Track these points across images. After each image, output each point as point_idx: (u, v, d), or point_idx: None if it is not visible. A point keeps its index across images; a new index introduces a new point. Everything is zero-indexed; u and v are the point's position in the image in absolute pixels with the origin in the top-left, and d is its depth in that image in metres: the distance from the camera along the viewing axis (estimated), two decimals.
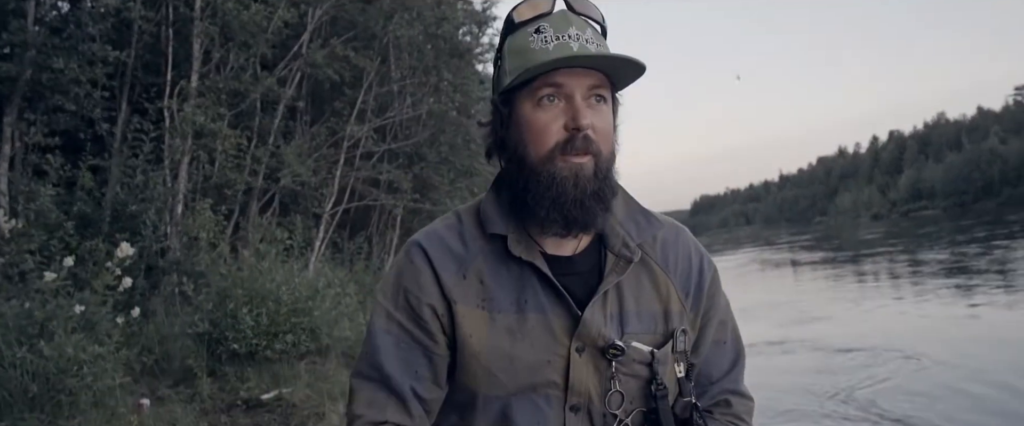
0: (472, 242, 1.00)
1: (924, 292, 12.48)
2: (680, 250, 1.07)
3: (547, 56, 0.91)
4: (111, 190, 6.85)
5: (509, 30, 0.99)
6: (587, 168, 0.93)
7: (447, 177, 12.54)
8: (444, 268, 0.98)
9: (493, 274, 0.98)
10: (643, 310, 1.01)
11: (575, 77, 0.92)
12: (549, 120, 0.93)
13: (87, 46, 6.61)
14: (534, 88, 0.93)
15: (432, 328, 1.00)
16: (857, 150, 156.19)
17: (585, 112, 0.92)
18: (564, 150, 0.92)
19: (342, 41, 10.06)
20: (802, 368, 7.22)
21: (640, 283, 1.02)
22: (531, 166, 0.94)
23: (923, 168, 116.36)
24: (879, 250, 25.09)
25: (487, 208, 1.01)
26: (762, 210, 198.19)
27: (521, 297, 0.97)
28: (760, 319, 10.43)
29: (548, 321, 0.96)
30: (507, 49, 0.98)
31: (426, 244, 1.00)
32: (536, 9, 0.97)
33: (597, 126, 0.94)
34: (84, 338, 3.63)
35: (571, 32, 0.94)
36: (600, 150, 0.94)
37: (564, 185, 0.92)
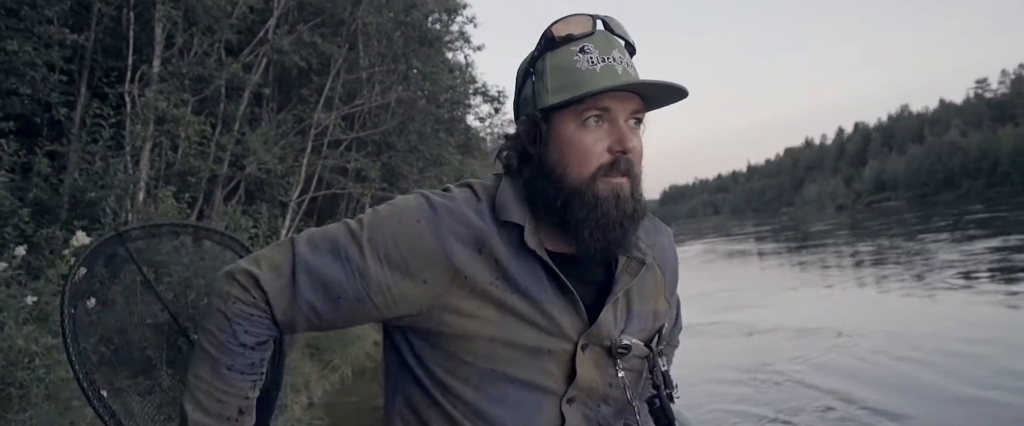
0: (489, 221, 0.98)
1: (847, 279, 13.76)
2: (668, 252, 1.13)
3: (596, 78, 0.93)
4: (69, 176, 6.69)
5: (549, 46, 0.99)
6: (626, 189, 0.96)
7: (416, 166, 12.48)
8: (458, 241, 0.96)
9: (510, 258, 0.97)
10: (644, 309, 1.06)
11: (621, 101, 0.95)
12: (594, 141, 0.95)
13: (44, 28, 6.43)
14: (581, 109, 0.94)
15: (386, 298, 0.95)
16: (823, 141, 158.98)
17: (630, 136, 0.95)
18: (607, 172, 0.94)
19: (309, 27, 9.93)
20: (730, 346, 8.12)
21: (644, 283, 1.06)
22: (573, 186, 0.95)
23: (887, 160, 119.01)
24: (825, 242, 26.29)
25: (504, 196, 1.00)
26: (730, 200, 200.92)
27: (533, 288, 0.97)
28: (698, 305, 11.19)
29: (557, 317, 0.97)
30: (548, 65, 0.98)
31: (442, 211, 0.97)
32: (579, 28, 0.99)
33: (635, 148, 0.96)
34: (36, 329, 3.56)
35: (615, 55, 0.96)
36: (637, 172, 0.97)
37: (607, 206, 0.94)
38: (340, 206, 12.15)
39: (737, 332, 8.96)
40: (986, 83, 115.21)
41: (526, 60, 1.03)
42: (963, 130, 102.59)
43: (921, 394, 5.54)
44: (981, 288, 10.38)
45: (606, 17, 1.01)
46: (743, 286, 14.95)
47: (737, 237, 40.88)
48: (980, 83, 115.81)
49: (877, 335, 7.72)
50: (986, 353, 6.41)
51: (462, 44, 14.40)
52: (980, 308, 8.74)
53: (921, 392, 5.58)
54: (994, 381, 5.60)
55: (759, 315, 10.10)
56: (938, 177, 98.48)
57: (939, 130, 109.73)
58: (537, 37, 1.03)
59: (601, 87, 0.92)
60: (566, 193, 0.95)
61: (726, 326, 9.44)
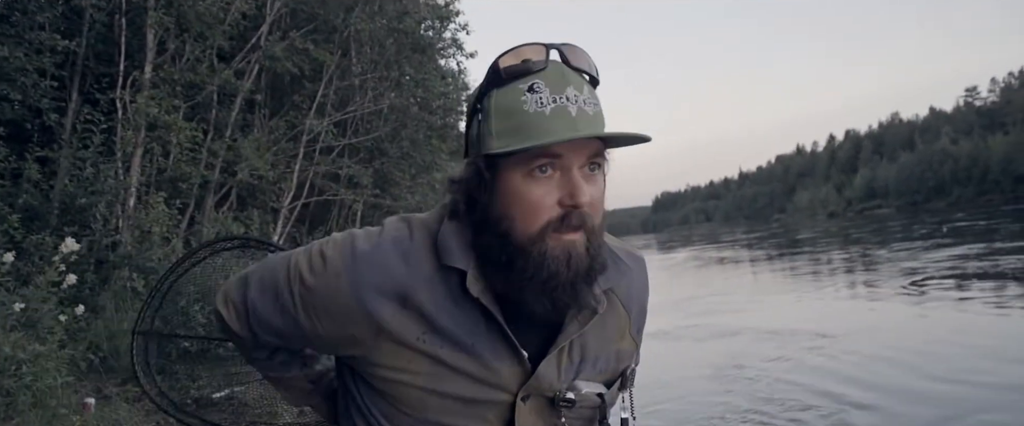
0: (418, 266, 0.89)
1: (824, 286, 14.21)
2: (640, 286, 1.04)
3: (544, 123, 0.82)
4: (60, 182, 6.67)
5: (494, 82, 0.88)
6: (580, 246, 0.85)
7: (408, 173, 12.50)
8: (381, 296, 0.88)
9: (440, 307, 0.88)
10: (602, 354, 0.97)
11: (574, 147, 0.83)
12: (542, 194, 0.84)
13: (35, 34, 6.42)
14: (527, 157, 0.83)
15: (327, 346, 0.96)
16: (814, 148, 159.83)
17: (583, 188, 0.84)
18: (557, 227, 0.84)
19: (302, 34, 9.95)
20: (705, 347, 8.53)
21: (605, 325, 0.97)
22: (519, 243, 0.85)
23: (877, 167, 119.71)
24: (804, 250, 26.88)
25: (447, 239, 0.90)
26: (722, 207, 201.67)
27: (469, 339, 0.89)
28: (680, 310, 11.81)
29: (495, 367, 0.90)
30: (493, 105, 0.87)
31: (363, 266, 0.89)
32: (528, 61, 0.86)
33: (592, 198, 0.86)
34: (24, 336, 3.56)
35: (569, 93, 0.84)
36: (594, 225, 0.87)
37: (557, 265, 0.84)
38: (332, 212, 12.14)
39: (711, 335, 9.43)
40: (976, 91, 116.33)
41: (474, 93, 0.92)
42: (953, 138, 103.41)
43: (882, 388, 5.98)
44: (934, 294, 10.86)
45: (563, 46, 0.89)
46: (722, 291, 15.40)
47: (725, 244, 41.26)
48: (970, 91, 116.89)
49: (839, 337, 8.19)
50: (937, 352, 6.99)
51: (455, 51, 14.43)
52: (935, 313, 9.30)
53: (882, 387, 6.02)
54: (949, 376, 6.06)
55: (731, 319, 10.63)
56: (929, 185, 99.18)
57: (929, 138, 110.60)
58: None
59: (549, 140, 0.81)
60: (511, 250, 0.85)
61: (702, 329, 9.86)
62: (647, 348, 1.11)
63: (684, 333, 9.57)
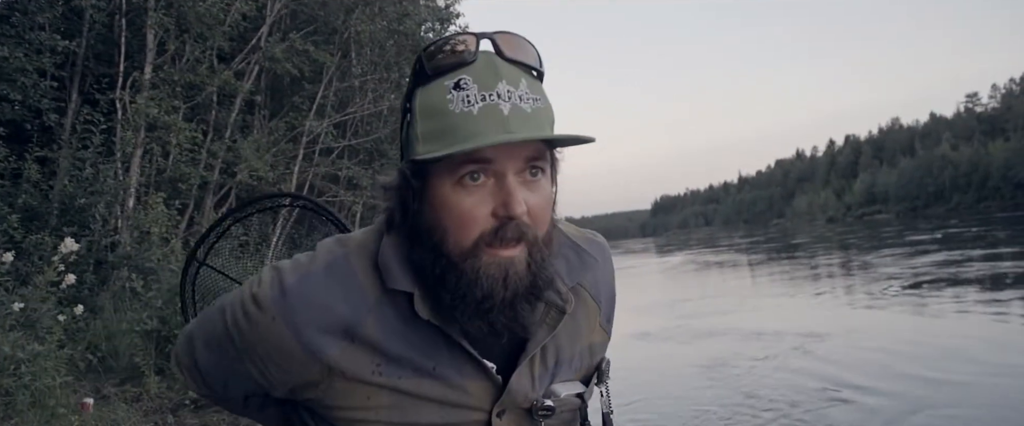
0: (363, 294, 0.80)
1: (808, 290, 14.58)
2: (606, 275, 0.96)
3: (471, 125, 0.73)
4: (59, 182, 6.69)
5: (419, 79, 0.78)
6: (519, 261, 0.76)
7: None
8: (324, 335, 0.79)
9: (392, 334, 0.80)
10: (577, 349, 0.90)
11: (507, 151, 0.74)
12: (473, 204, 0.74)
13: (35, 35, 6.44)
14: (454, 164, 0.74)
15: (284, 391, 0.86)
16: (814, 153, 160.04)
17: (518, 196, 0.74)
18: (491, 241, 0.75)
19: (302, 35, 9.96)
20: (693, 347, 8.78)
21: (576, 322, 0.90)
22: (450, 258, 0.76)
23: (877, 172, 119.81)
24: (797, 255, 27.33)
25: (387, 258, 0.81)
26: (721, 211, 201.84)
27: (429, 362, 0.81)
28: (672, 311, 12.27)
29: (463, 387, 0.82)
30: (417, 105, 0.77)
31: (298, 304, 0.80)
32: (455, 55, 0.76)
33: (532, 207, 0.76)
34: (23, 336, 3.56)
35: (501, 89, 0.75)
36: (535, 235, 0.77)
37: (491, 284, 0.75)
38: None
39: (698, 335, 9.73)
40: (977, 97, 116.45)
41: (405, 91, 0.82)
42: (954, 144, 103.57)
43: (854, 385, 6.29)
44: (905, 299, 11.40)
45: (497, 35, 0.79)
46: (714, 294, 15.80)
47: (721, 248, 41.55)
48: (971, 97, 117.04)
49: (822, 337, 8.61)
50: (905, 351, 7.39)
51: None
52: (902, 317, 9.85)
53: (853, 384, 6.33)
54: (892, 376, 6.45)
55: (718, 320, 10.93)
56: (928, 190, 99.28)
57: (930, 143, 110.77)
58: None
59: (473, 144, 0.71)
60: (443, 265, 0.77)
61: (687, 329, 10.19)
62: (637, 347, 1.06)
63: (672, 333, 9.94)
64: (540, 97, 0.79)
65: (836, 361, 7.14)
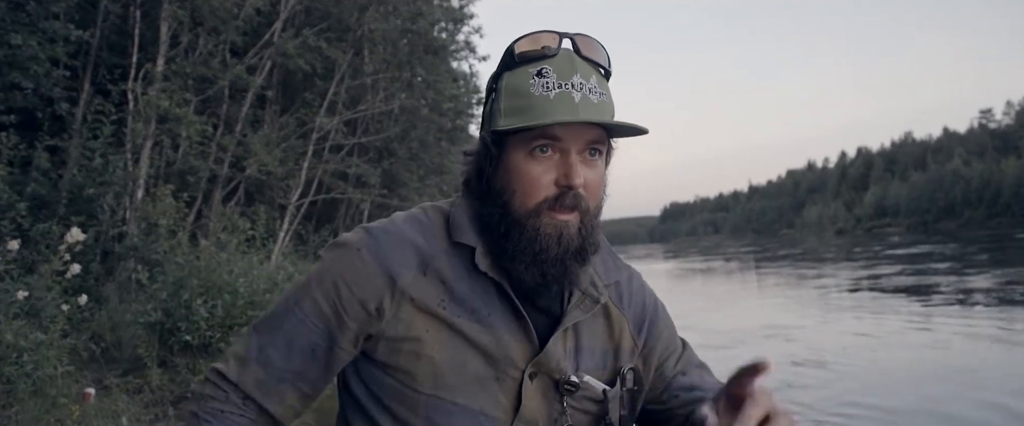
0: (434, 239, 0.95)
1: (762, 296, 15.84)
2: (634, 291, 1.08)
3: (547, 106, 0.87)
4: (69, 172, 6.69)
5: (508, 65, 0.93)
6: (572, 226, 0.90)
7: (417, 173, 12.49)
8: (402, 263, 0.92)
9: (459, 276, 0.93)
10: (596, 347, 1.01)
11: (574, 131, 0.88)
12: (541, 173, 0.89)
13: (49, 24, 6.45)
14: (529, 137, 0.89)
15: (352, 334, 0.94)
16: (826, 164, 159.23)
17: (578, 170, 0.89)
18: (552, 205, 0.89)
19: (315, 31, 9.96)
20: None
21: (595, 321, 1.01)
22: (515, 216, 0.90)
23: (888, 185, 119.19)
24: (776, 266, 28.26)
25: (458, 216, 0.96)
26: (730, 220, 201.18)
27: (485, 309, 0.93)
28: None
29: (506, 341, 0.93)
30: (503, 86, 0.93)
31: (382, 236, 0.94)
32: (540, 47, 0.92)
33: (589, 182, 0.91)
34: (26, 324, 3.54)
35: (575, 80, 0.89)
36: (588, 207, 0.91)
37: (547, 242, 0.89)
38: (339, 211, 12.15)
39: None
40: (990, 113, 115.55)
41: (492, 74, 0.97)
42: (966, 159, 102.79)
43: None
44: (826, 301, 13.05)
45: (577, 36, 0.94)
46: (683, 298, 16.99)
47: (712, 257, 42.28)
48: (985, 113, 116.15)
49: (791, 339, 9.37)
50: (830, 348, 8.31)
51: (467, 54, 14.45)
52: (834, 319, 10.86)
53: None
54: None
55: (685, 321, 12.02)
56: (939, 205, 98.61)
57: (942, 158, 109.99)
58: None
59: (548, 120, 0.86)
60: (508, 222, 0.91)
61: None
62: None
63: None
64: (606, 93, 0.93)
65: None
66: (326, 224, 11.70)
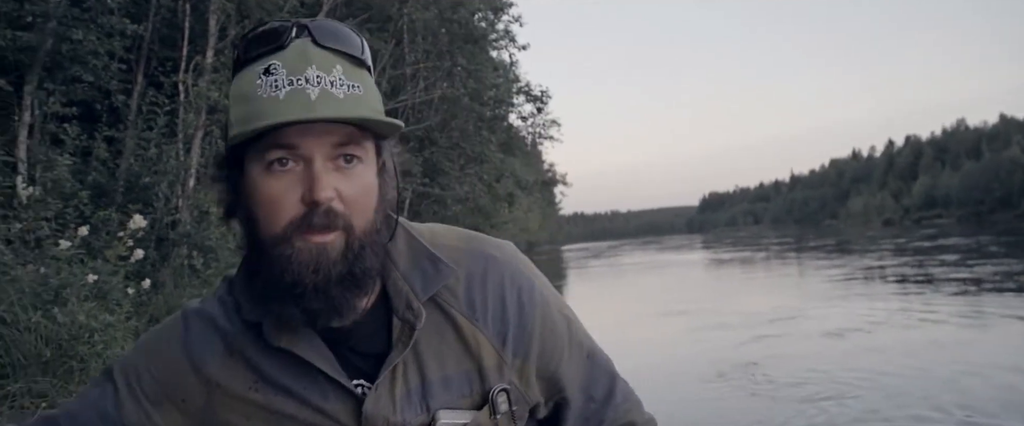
0: (238, 319, 0.83)
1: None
2: (490, 288, 0.87)
3: (275, 107, 0.71)
4: (125, 161, 6.96)
5: (236, 65, 0.78)
6: (333, 248, 0.74)
7: (457, 163, 12.61)
8: (207, 349, 0.83)
9: (264, 358, 0.81)
10: (451, 373, 0.84)
11: (313, 135, 0.72)
12: (282, 190, 0.73)
13: (106, 18, 6.69)
14: (262, 148, 0.73)
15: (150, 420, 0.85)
16: (871, 153, 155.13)
17: (324, 181, 0.72)
18: (301, 227, 0.73)
19: (357, 22, 10.11)
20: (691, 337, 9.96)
21: (443, 340, 0.84)
22: (264, 246, 0.75)
23: (939, 175, 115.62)
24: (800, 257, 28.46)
25: (240, 289, 0.83)
26: (771, 210, 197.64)
27: (298, 383, 0.81)
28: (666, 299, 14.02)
29: (329, 410, 0.81)
30: (231, 92, 0.77)
31: (193, 321, 0.85)
32: (266, 41, 0.76)
33: (346, 194, 0.74)
34: (96, 306, 3.75)
35: (309, 74, 0.73)
36: (351, 223, 0.75)
37: (301, 270, 0.73)
38: None
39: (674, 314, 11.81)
40: None
41: None
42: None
43: None
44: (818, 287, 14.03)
45: (313, 23, 0.78)
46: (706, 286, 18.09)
47: (749, 248, 41.84)
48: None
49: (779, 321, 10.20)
50: None
51: (507, 43, 14.48)
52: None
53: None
54: None
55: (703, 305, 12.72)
56: (995, 196, 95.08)
57: (998, 146, 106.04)
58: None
59: (269, 122, 0.70)
60: (258, 254, 0.76)
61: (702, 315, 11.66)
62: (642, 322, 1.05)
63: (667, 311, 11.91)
64: (358, 83, 0.76)
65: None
66: None
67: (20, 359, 3.47)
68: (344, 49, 0.77)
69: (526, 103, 16.98)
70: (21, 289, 3.69)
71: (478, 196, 13.37)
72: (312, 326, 0.79)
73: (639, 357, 8.11)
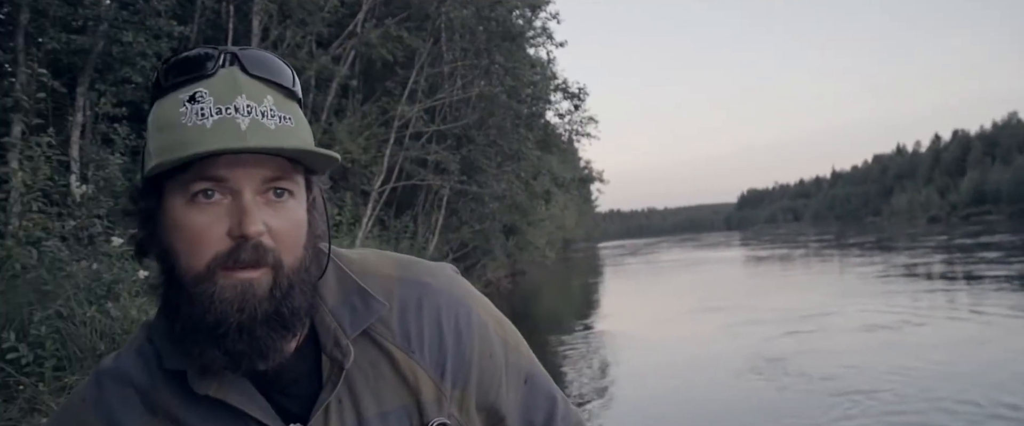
0: (158, 371, 0.78)
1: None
2: (426, 317, 0.84)
3: (202, 136, 0.68)
4: None
5: (156, 92, 0.74)
6: (259, 286, 0.71)
7: (495, 160, 12.63)
8: (125, 412, 0.78)
9: (188, 410, 0.77)
10: (388, 410, 0.81)
11: (243, 167, 0.70)
12: (207, 224, 0.69)
13: (154, 21, 6.87)
14: (186, 180, 0.69)
15: None
16: (917, 148, 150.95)
17: (254, 215, 0.69)
18: (226, 263, 0.69)
19: (396, 21, 10.19)
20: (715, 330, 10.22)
21: (379, 375, 0.81)
22: (183, 283, 0.70)
23: (988, 170, 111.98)
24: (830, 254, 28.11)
25: (159, 336, 0.77)
26: (812, 207, 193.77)
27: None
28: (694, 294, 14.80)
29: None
30: (151, 120, 0.73)
31: (107, 382, 0.80)
32: (191, 68, 0.72)
33: (276, 229, 0.71)
34: (146, 301, 3.84)
35: (239, 103, 0.70)
36: (280, 260, 0.72)
37: (225, 309, 0.69)
38: (419, 197, 12.42)
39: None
40: None
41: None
42: None
43: None
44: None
45: (242, 51, 0.75)
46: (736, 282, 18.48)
47: (786, 245, 41.35)
48: None
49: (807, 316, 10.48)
50: None
51: (545, 40, 14.45)
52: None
53: None
54: None
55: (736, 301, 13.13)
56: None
57: None
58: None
59: (199, 150, 0.67)
60: (177, 292, 0.71)
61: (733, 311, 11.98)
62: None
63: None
64: (290, 115, 0.73)
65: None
66: (407, 210, 12.00)
67: (76, 352, 3.58)
68: (275, 79, 0.74)
69: (563, 100, 16.94)
70: (77, 284, 3.80)
71: (515, 193, 13.38)
72: (235, 369, 0.73)
73: (675, 352, 8.32)
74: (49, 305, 3.66)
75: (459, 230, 13.03)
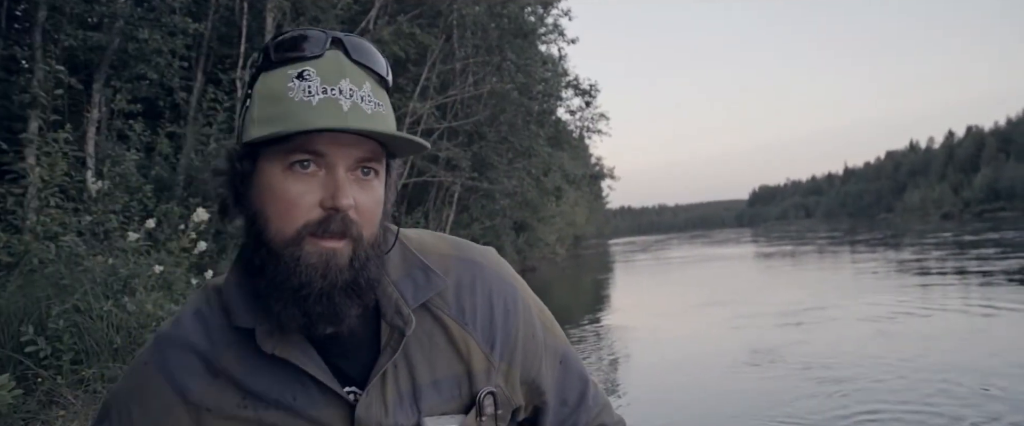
0: (219, 333, 0.81)
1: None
2: (479, 294, 0.89)
3: (308, 113, 0.72)
4: (185, 156, 7.19)
5: (264, 66, 0.78)
6: (342, 255, 0.75)
7: (506, 157, 12.64)
8: (188, 373, 0.81)
9: (250, 371, 0.80)
10: (441, 377, 0.85)
11: (341, 145, 0.74)
12: (302, 192, 0.74)
13: (169, 18, 6.91)
14: (287, 149, 0.73)
15: None
16: (930, 145, 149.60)
17: (346, 190, 0.74)
18: (315, 231, 0.74)
19: (409, 18, 10.20)
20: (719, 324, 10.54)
21: (434, 345, 0.86)
22: (272, 246, 0.75)
23: (1003, 167, 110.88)
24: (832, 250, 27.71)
25: (230, 294, 0.81)
26: (824, 203, 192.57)
27: (288, 394, 0.80)
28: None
29: (319, 417, 0.80)
30: (258, 90, 0.77)
31: (166, 346, 0.83)
32: (301, 47, 0.77)
33: (361, 205, 0.75)
34: (162, 296, 3.88)
35: (343, 86, 0.75)
36: (361, 233, 0.76)
37: (310, 274, 0.74)
38: (430, 193, 12.45)
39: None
40: None
41: (249, 78, 0.82)
42: None
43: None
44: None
45: (347, 37, 0.79)
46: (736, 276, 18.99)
47: (797, 242, 41.27)
48: None
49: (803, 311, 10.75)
50: None
51: (556, 37, 14.43)
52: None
53: None
54: None
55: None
56: None
57: None
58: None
59: (307, 126, 0.71)
60: (264, 254, 0.76)
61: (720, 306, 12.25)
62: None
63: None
64: (383, 103, 0.78)
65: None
66: (418, 206, 12.03)
67: (93, 346, 3.62)
68: (374, 68, 0.79)
69: (574, 97, 16.91)
70: (93, 279, 3.84)
71: (526, 190, 13.39)
72: (310, 330, 0.77)
73: (679, 345, 8.66)
74: (66, 299, 3.70)
75: (470, 226, 13.05)
